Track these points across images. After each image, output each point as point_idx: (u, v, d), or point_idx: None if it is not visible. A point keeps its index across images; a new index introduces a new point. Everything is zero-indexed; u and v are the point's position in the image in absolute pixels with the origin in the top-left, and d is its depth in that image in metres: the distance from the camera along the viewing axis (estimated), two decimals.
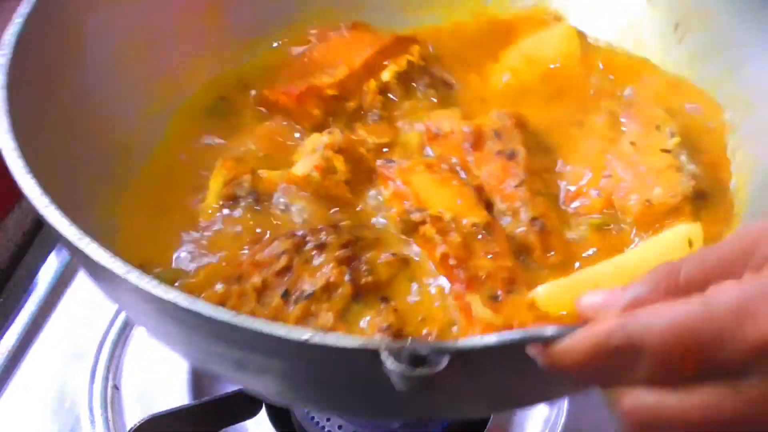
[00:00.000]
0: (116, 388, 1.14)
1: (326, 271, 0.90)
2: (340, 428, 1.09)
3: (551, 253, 0.96)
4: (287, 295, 0.89)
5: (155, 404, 1.11)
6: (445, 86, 1.15)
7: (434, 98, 1.13)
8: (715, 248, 0.64)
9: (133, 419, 1.09)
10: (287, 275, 0.90)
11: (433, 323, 0.90)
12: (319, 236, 0.92)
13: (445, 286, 0.93)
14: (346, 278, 0.90)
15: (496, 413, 1.10)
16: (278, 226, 0.98)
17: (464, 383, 0.67)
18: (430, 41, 1.19)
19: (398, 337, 0.87)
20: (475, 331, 0.88)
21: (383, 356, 0.63)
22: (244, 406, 1.11)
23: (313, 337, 0.64)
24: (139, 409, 1.11)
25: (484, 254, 0.94)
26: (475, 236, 0.95)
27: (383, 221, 0.99)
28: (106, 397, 1.12)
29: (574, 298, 0.78)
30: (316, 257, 0.91)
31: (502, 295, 0.90)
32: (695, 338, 0.59)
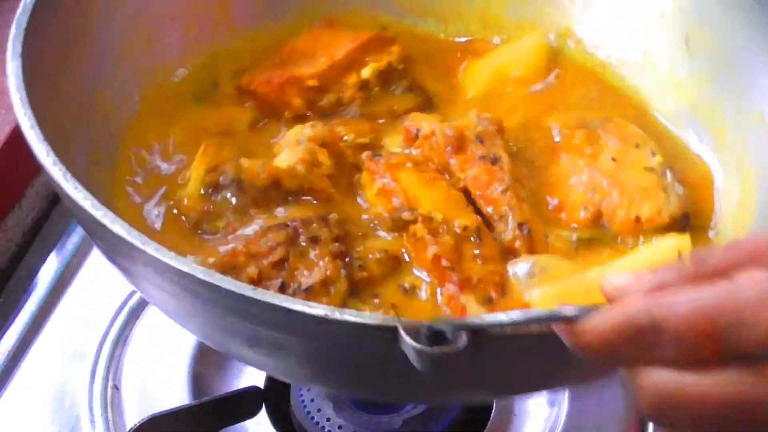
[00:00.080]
0: (116, 388, 1.13)
1: (322, 265, 0.90)
2: (340, 428, 1.09)
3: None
4: (284, 287, 0.89)
5: (155, 404, 1.10)
6: (421, 92, 1.16)
7: (412, 101, 1.14)
8: (743, 240, 0.65)
9: (133, 419, 1.09)
10: (283, 267, 0.90)
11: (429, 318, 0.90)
12: (311, 228, 0.93)
13: (435, 285, 0.94)
14: (342, 273, 0.90)
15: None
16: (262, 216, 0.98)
17: (483, 363, 0.66)
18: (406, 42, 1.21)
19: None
20: None
21: (401, 333, 0.63)
22: (244, 406, 1.11)
23: (332, 312, 0.64)
24: (139, 409, 1.11)
25: (474, 258, 0.95)
26: (465, 239, 0.95)
27: (367, 217, 1.00)
28: (106, 397, 1.12)
29: (568, 302, 0.79)
30: (311, 251, 0.91)
31: (495, 297, 0.92)
32: (718, 322, 0.59)
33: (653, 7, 1.17)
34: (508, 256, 0.96)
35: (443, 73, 1.20)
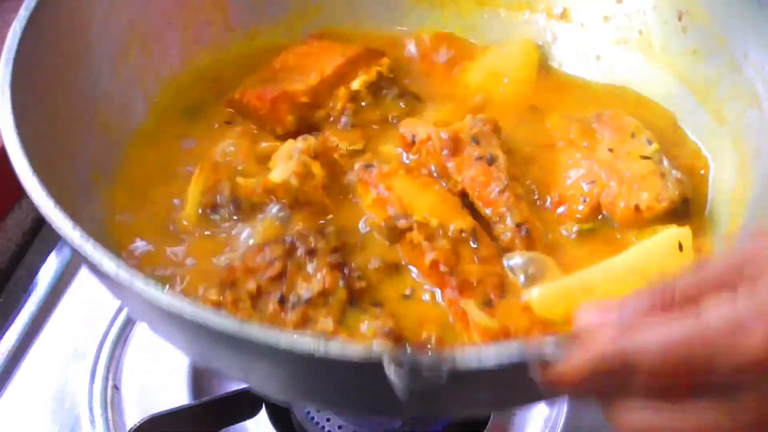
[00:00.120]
0: (116, 388, 1.14)
1: (320, 276, 0.91)
2: (340, 428, 1.09)
3: None
4: (283, 300, 0.89)
5: (155, 404, 1.11)
6: (413, 98, 1.16)
7: (403, 107, 1.14)
8: (710, 263, 0.65)
9: (133, 419, 1.09)
10: (282, 281, 0.91)
11: (430, 327, 0.91)
12: (308, 241, 0.93)
13: (434, 290, 0.94)
14: (340, 283, 0.91)
15: (496, 412, 1.10)
16: (260, 232, 0.98)
17: (463, 391, 0.68)
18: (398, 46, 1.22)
19: (399, 341, 0.88)
20: (472, 335, 0.89)
21: (387, 369, 0.64)
22: (244, 406, 1.12)
23: (317, 349, 0.65)
24: (139, 409, 1.11)
25: (471, 259, 0.95)
26: (462, 242, 0.96)
27: (363, 226, 1.00)
28: (106, 397, 1.12)
29: (567, 301, 0.79)
30: (308, 263, 0.92)
31: (495, 299, 0.92)
32: (688, 357, 0.59)
33: None
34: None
35: (435, 77, 1.20)
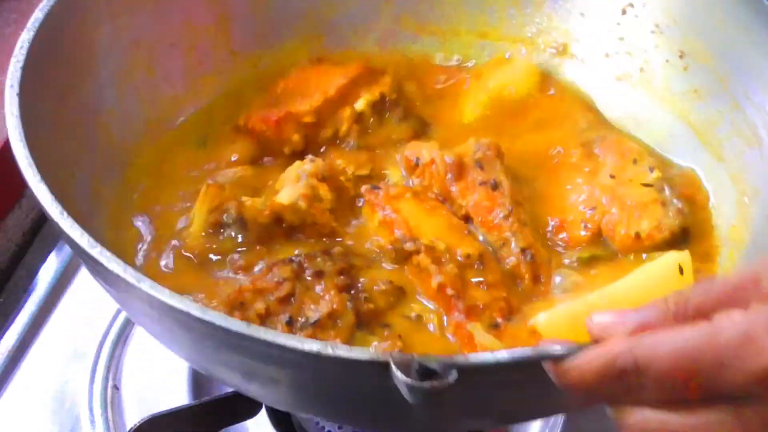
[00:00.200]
0: (116, 388, 1.14)
1: (328, 298, 0.91)
2: (340, 428, 1.10)
3: (540, 283, 0.98)
4: (292, 321, 0.90)
5: (155, 404, 1.11)
6: (418, 120, 1.17)
7: (408, 129, 1.15)
8: (724, 278, 0.66)
9: (133, 419, 1.09)
10: (290, 302, 0.91)
11: (438, 350, 0.91)
12: (315, 262, 0.94)
13: (441, 313, 0.95)
14: (348, 306, 0.91)
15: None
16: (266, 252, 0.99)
17: (472, 397, 0.68)
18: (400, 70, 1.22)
19: None
20: None
21: (393, 368, 0.64)
22: (244, 406, 1.11)
23: (324, 348, 0.65)
24: (139, 409, 1.11)
25: (478, 285, 0.95)
26: (468, 267, 0.96)
27: (371, 248, 1.01)
28: (106, 397, 1.12)
29: (574, 325, 0.79)
30: (316, 284, 0.92)
31: (502, 323, 0.92)
32: (699, 364, 0.60)
33: (647, 22, 1.16)
34: (513, 280, 0.98)
35: (438, 98, 1.21)
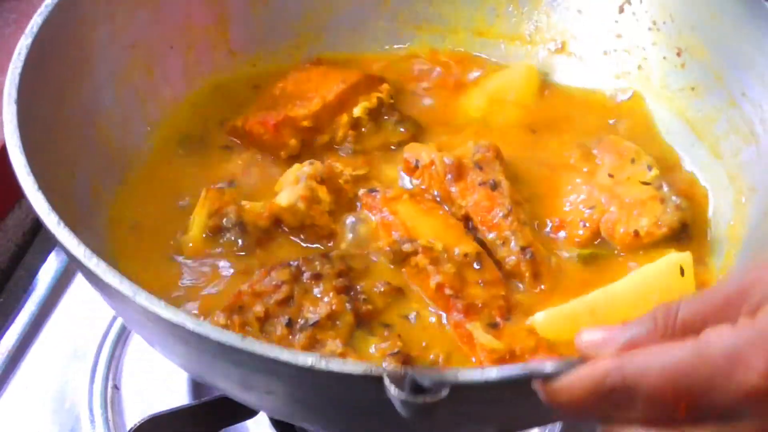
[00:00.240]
0: (116, 388, 1.14)
1: (327, 300, 0.92)
2: None
3: (540, 281, 0.98)
4: (291, 324, 0.90)
5: (155, 404, 1.11)
6: (413, 123, 1.17)
7: (404, 133, 1.15)
8: (711, 291, 0.65)
9: (133, 419, 1.09)
10: (289, 305, 0.92)
11: (438, 348, 0.92)
12: (313, 265, 0.94)
13: (440, 313, 0.95)
14: (347, 307, 0.92)
15: None
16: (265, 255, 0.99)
17: (465, 411, 0.68)
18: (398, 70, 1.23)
19: (407, 362, 0.89)
20: (478, 357, 0.90)
21: (386, 383, 0.64)
22: (244, 406, 1.12)
23: (317, 362, 0.65)
24: (139, 409, 1.11)
25: (476, 283, 0.96)
26: (467, 266, 0.96)
27: (369, 251, 1.01)
28: (106, 397, 1.12)
29: (571, 325, 0.80)
30: (315, 287, 0.93)
31: (501, 322, 0.93)
32: (688, 383, 0.60)
33: (645, 19, 1.16)
34: (511, 280, 0.98)
35: (436, 102, 1.21)
